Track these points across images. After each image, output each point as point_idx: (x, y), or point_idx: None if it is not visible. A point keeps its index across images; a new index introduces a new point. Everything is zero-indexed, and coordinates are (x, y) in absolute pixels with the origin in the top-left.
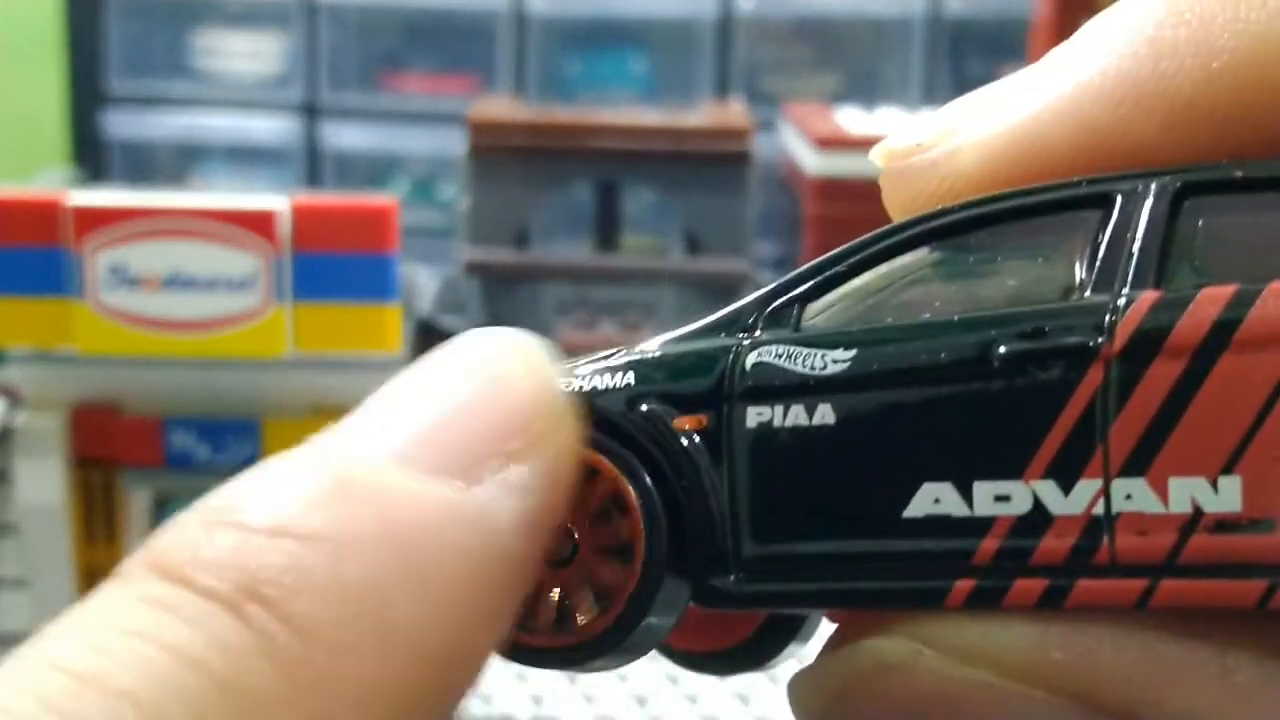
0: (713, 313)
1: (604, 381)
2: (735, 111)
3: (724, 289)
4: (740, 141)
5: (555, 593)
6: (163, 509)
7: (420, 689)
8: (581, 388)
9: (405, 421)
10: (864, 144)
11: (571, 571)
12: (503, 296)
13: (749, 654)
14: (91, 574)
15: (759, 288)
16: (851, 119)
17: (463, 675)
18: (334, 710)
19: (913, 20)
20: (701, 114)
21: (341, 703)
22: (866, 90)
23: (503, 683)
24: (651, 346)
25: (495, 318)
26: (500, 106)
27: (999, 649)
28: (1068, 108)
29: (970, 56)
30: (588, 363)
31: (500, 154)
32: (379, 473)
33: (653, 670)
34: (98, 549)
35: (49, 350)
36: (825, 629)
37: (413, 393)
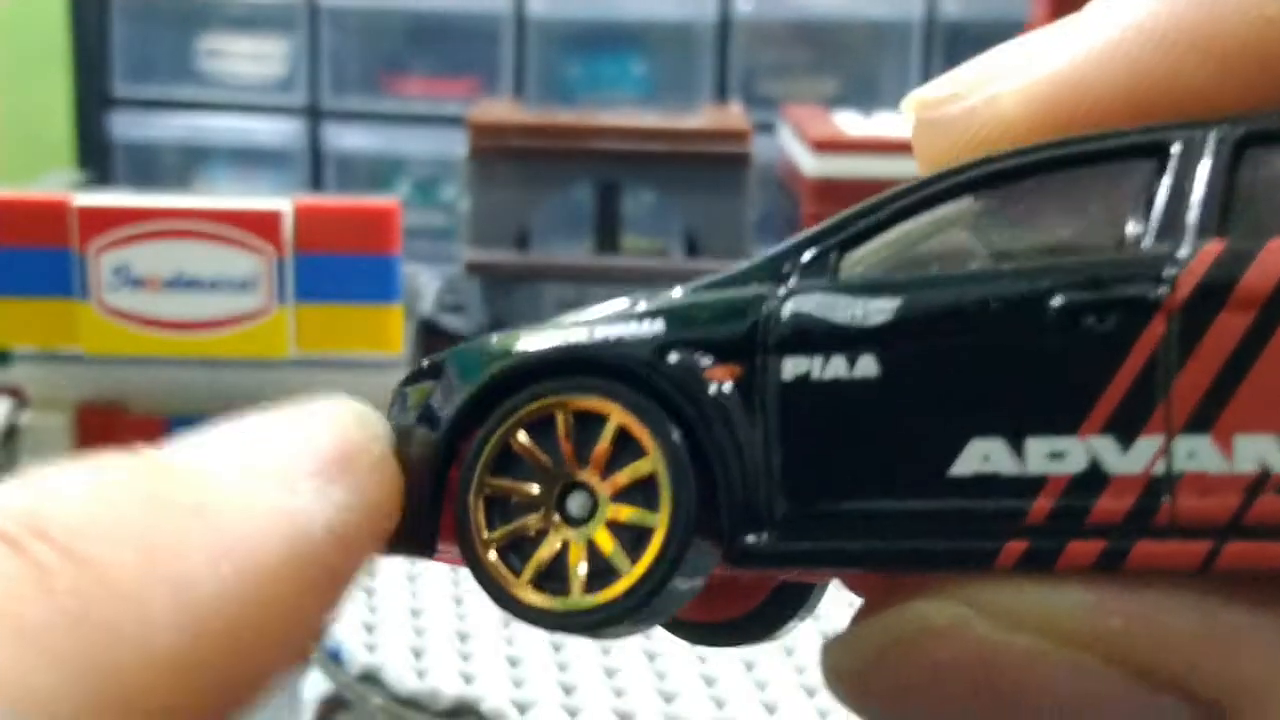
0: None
1: (628, 330)
2: (734, 114)
3: None
4: (739, 144)
5: (583, 551)
6: None
7: (209, 653)
8: (601, 338)
9: (237, 437)
10: (862, 147)
11: (593, 527)
12: (503, 297)
13: (754, 626)
14: None
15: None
16: (849, 122)
17: (256, 657)
18: (114, 646)
19: (910, 23)
20: (701, 116)
21: (123, 641)
22: (865, 93)
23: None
24: (678, 295)
25: (496, 318)
26: (501, 109)
27: (1053, 614)
28: (1116, 51)
29: (967, 59)
30: (606, 312)
31: (501, 156)
32: (204, 471)
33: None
34: None
35: (54, 350)
36: (832, 602)
37: (249, 425)
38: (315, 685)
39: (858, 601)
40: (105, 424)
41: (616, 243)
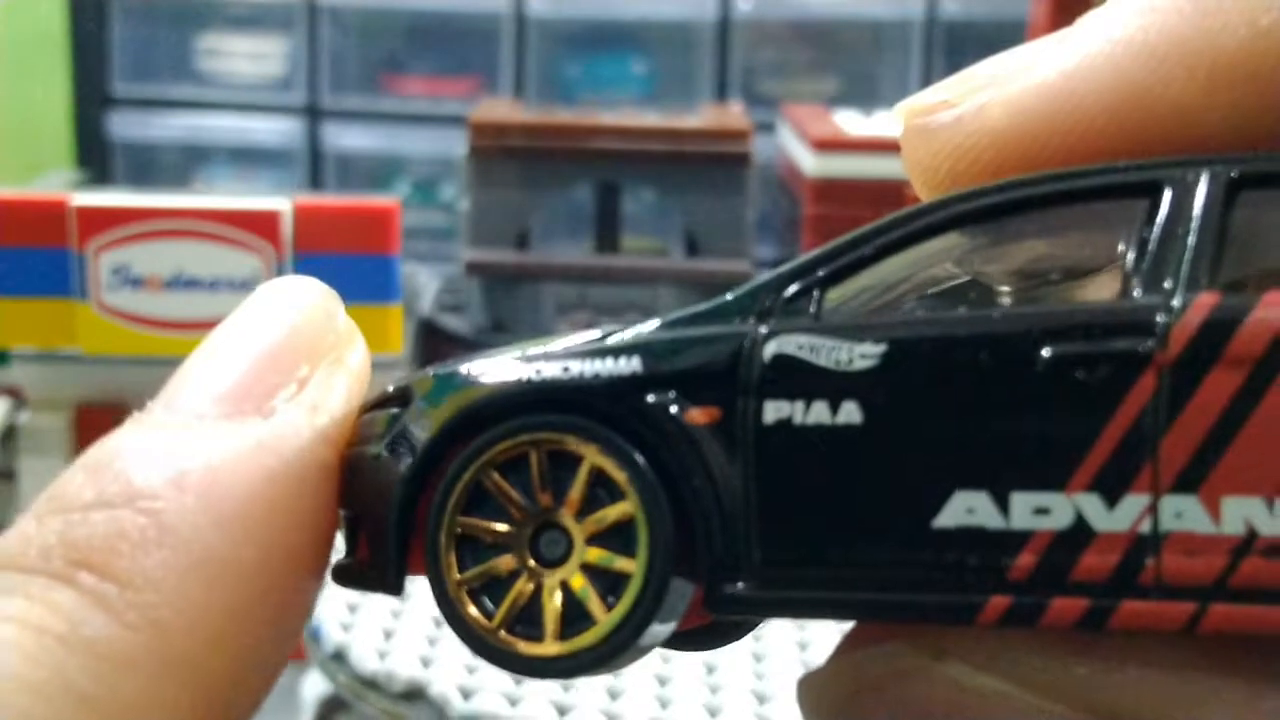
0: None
1: (603, 365)
2: (734, 113)
3: (724, 290)
4: (740, 143)
5: (557, 595)
6: None
7: (246, 607)
8: (575, 372)
9: (204, 380)
10: (862, 146)
11: (568, 570)
12: (503, 297)
13: (721, 632)
14: None
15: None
16: (850, 121)
17: (290, 583)
18: (172, 639)
19: (911, 23)
20: (701, 116)
21: (177, 632)
22: (865, 93)
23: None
24: (655, 329)
25: (496, 318)
26: (501, 108)
27: (1020, 661)
28: (1105, 64)
29: (968, 59)
30: (585, 339)
31: (501, 155)
32: (180, 433)
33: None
34: None
35: (53, 350)
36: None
37: (211, 351)
38: (315, 686)
39: (840, 627)
40: (104, 425)
41: (616, 243)
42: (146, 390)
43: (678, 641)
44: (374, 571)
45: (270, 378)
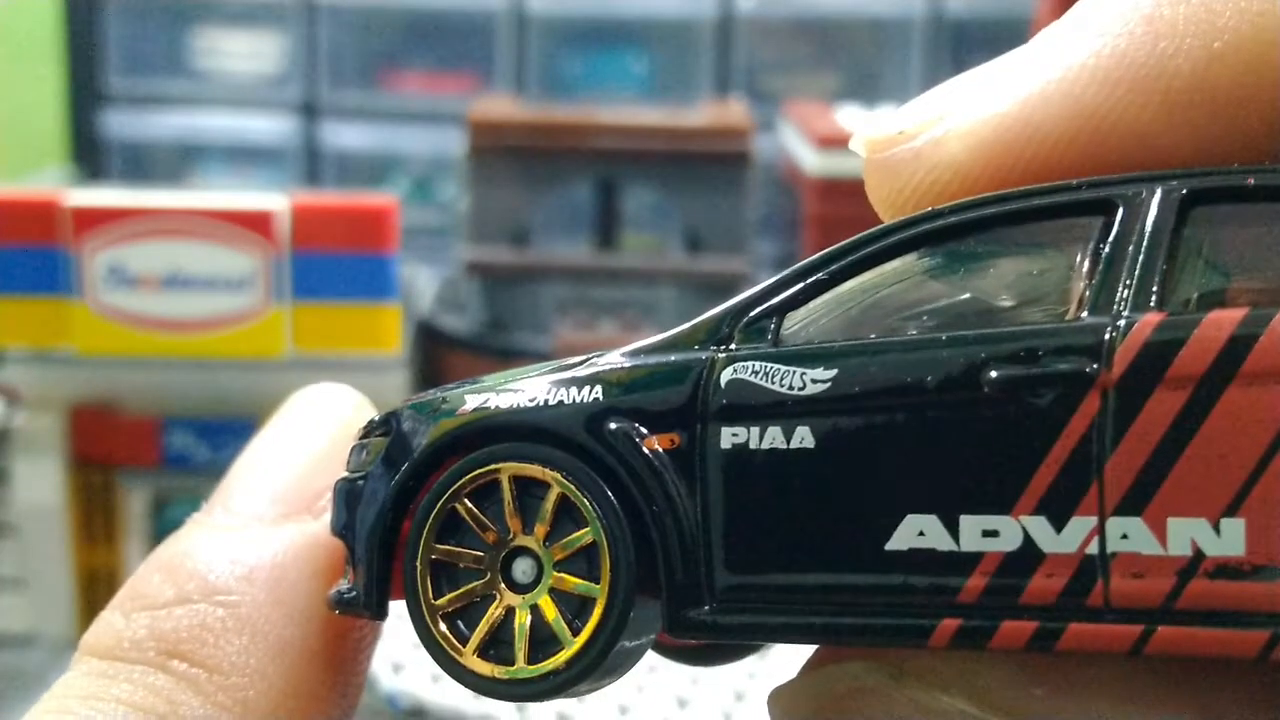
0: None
1: (568, 395)
2: (735, 111)
3: (724, 288)
4: (740, 141)
5: (527, 619)
6: (161, 509)
7: (315, 682)
8: (541, 402)
9: (257, 484)
10: None
11: (538, 595)
12: (502, 296)
13: (727, 648)
14: (90, 574)
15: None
16: (852, 118)
17: (347, 656)
18: (257, 714)
19: (913, 19)
20: (701, 113)
21: (261, 708)
22: (867, 89)
23: None
24: (618, 359)
25: (495, 317)
26: (500, 106)
27: (979, 681)
28: (1060, 90)
29: (971, 55)
30: (550, 371)
31: (500, 153)
32: (244, 534)
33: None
34: (96, 549)
35: (47, 350)
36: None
37: (260, 457)
38: None
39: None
40: (98, 424)
41: (616, 241)
42: (141, 390)
43: (688, 656)
44: (359, 596)
45: (316, 482)
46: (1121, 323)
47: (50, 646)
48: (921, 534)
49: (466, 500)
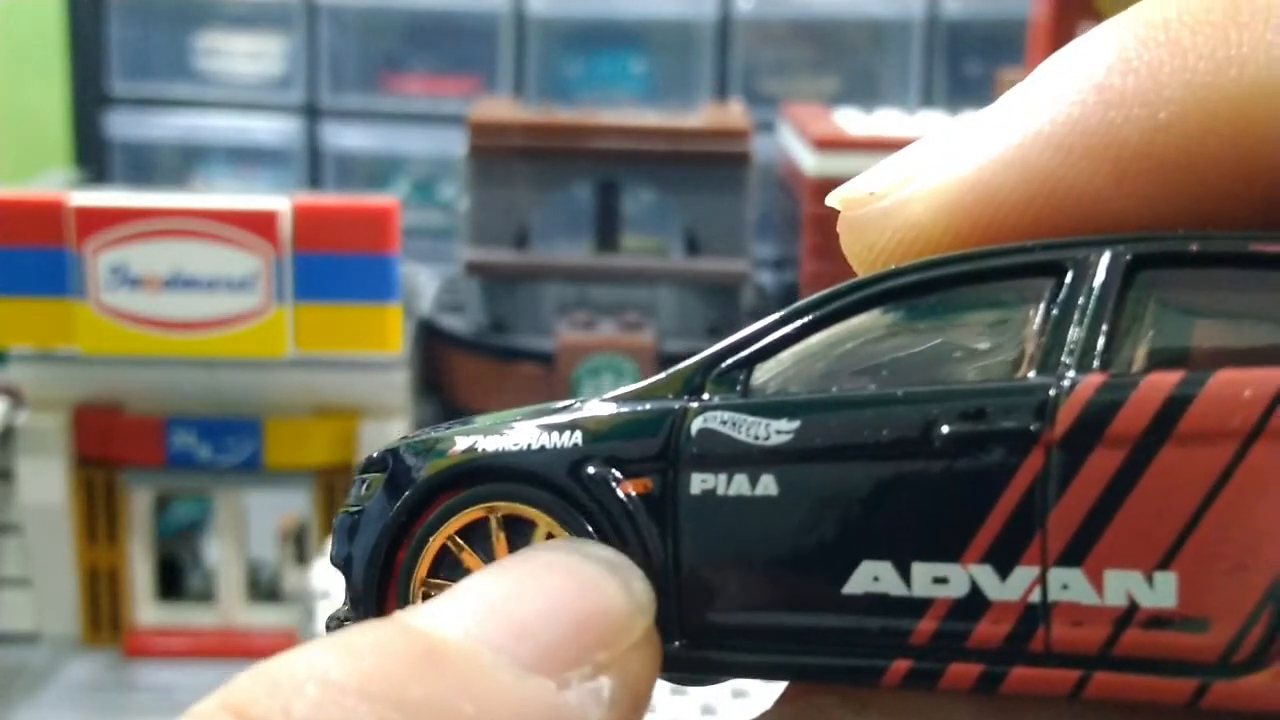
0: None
1: (550, 439)
2: (734, 112)
3: (724, 289)
4: (740, 142)
5: None
6: (164, 508)
7: None
8: (525, 445)
9: (503, 608)
10: (862, 145)
11: None
12: (503, 297)
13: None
14: (93, 573)
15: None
16: (850, 120)
17: None
18: None
19: (911, 22)
20: (701, 115)
21: None
22: (865, 92)
23: None
24: (598, 405)
25: (495, 318)
26: (500, 107)
27: (937, 717)
28: (1017, 156)
29: (969, 58)
30: (535, 415)
31: (500, 154)
32: (475, 656)
33: None
34: (99, 548)
35: (51, 350)
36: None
37: (513, 580)
38: None
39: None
40: (102, 424)
41: (616, 242)
42: (144, 390)
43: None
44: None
45: (572, 647)
46: (1065, 383)
47: (54, 645)
48: (876, 579)
49: (457, 537)
